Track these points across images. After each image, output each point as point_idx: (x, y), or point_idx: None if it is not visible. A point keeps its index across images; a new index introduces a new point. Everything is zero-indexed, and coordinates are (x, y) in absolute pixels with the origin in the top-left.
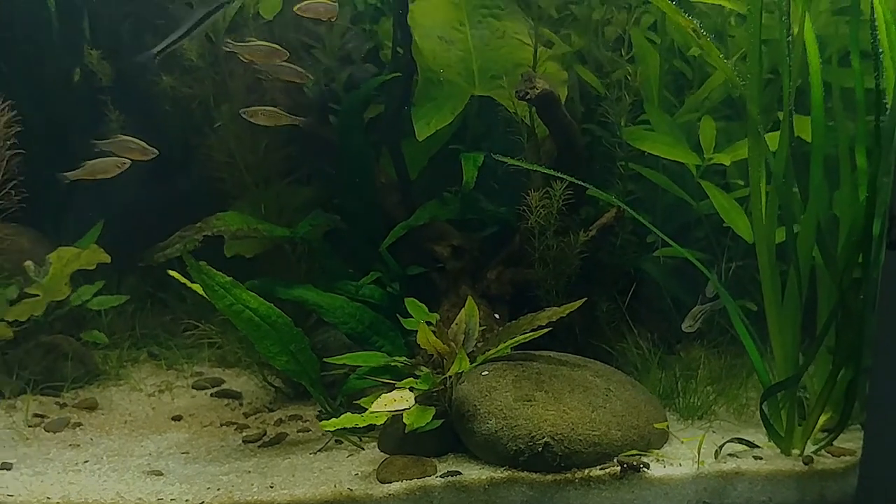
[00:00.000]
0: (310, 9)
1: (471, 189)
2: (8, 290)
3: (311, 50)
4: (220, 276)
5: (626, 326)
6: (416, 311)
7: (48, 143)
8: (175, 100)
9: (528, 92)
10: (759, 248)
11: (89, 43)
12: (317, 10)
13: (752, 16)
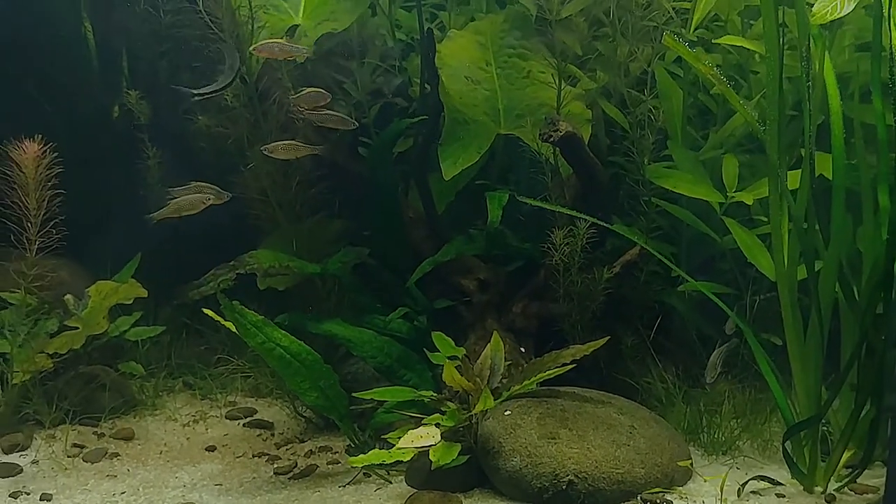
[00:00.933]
0: (264, 49)
1: (496, 227)
2: (48, 323)
3: (342, 85)
4: (253, 315)
5: (650, 360)
6: (443, 346)
7: (88, 179)
8: (211, 137)
9: (551, 135)
10: (781, 287)
11: (128, 81)
12: (272, 50)
13: (770, 61)
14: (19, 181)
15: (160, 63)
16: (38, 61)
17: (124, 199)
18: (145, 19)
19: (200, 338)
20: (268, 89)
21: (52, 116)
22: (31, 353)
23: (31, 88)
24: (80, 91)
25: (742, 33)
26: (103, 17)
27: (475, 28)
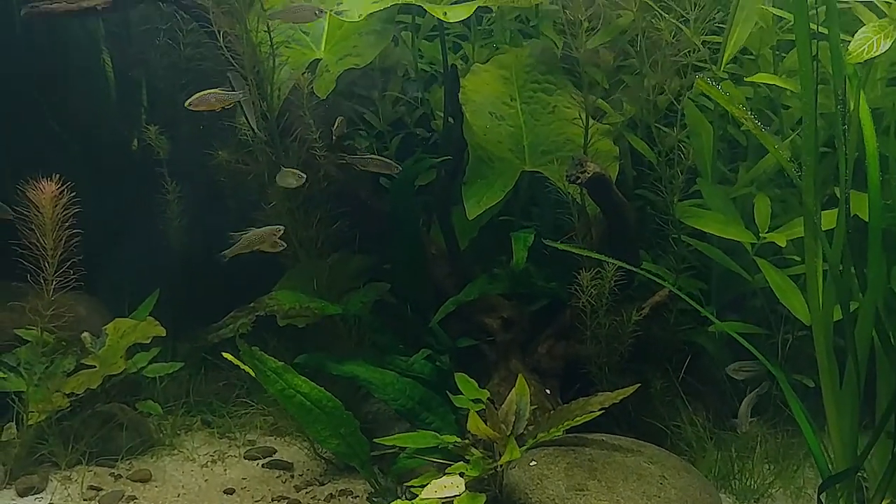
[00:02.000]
0: (203, 101)
1: (521, 268)
2: (65, 362)
3: (363, 115)
4: (272, 362)
5: (679, 402)
6: (467, 388)
7: (105, 213)
8: (230, 172)
9: (578, 176)
10: (816, 330)
11: (147, 113)
12: (209, 102)
13: (806, 102)
14: (37, 221)
15: (180, 96)
16: (56, 93)
17: (142, 234)
18: (165, 52)
19: (219, 373)
20: (289, 125)
21: (69, 149)
22: (48, 393)
23: (50, 120)
24: (99, 124)
25: (774, 67)
26: (122, 50)
27: (499, 62)
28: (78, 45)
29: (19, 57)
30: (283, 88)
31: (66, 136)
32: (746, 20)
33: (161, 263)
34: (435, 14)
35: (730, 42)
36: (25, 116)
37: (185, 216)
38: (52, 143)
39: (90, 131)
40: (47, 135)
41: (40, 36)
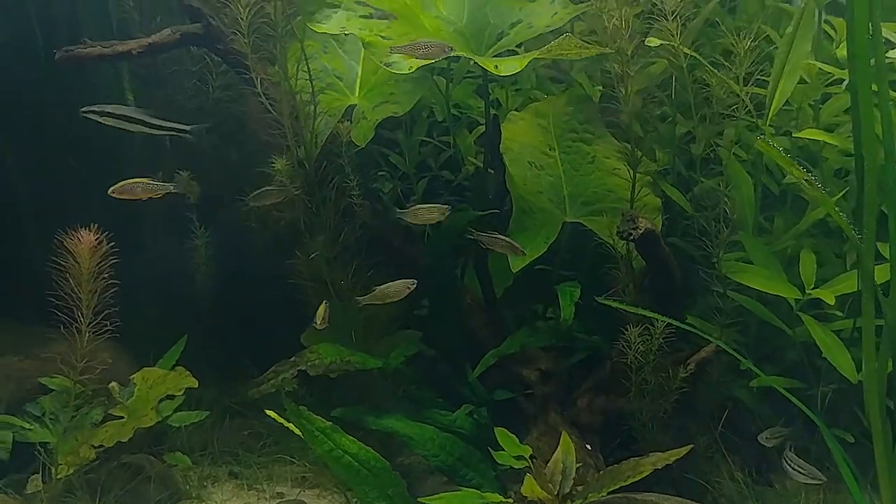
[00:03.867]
0: (128, 190)
1: (569, 324)
2: (93, 413)
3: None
4: (320, 422)
5: (720, 457)
6: (508, 444)
7: (129, 257)
8: (262, 218)
9: (631, 232)
10: (868, 389)
11: (171, 157)
12: (134, 191)
13: (870, 160)
14: (73, 270)
15: (208, 139)
16: (78, 135)
17: (167, 279)
18: (193, 95)
19: (243, 421)
20: (327, 175)
21: (91, 191)
22: (76, 445)
23: (73, 163)
24: (121, 166)
25: (815, 120)
26: (149, 92)
27: (536, 110)
28: (103, 87)
29: (44, 97)
30: (320, 136)
31: (88, 176)
32: (791, 73)
33: (186, 309)
34: (487, 67)
35: (776, 95)
36: (49, 159)
37: (213, 262)
38: (74, 184)
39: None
40: (70, 176)
41: (66, 76)
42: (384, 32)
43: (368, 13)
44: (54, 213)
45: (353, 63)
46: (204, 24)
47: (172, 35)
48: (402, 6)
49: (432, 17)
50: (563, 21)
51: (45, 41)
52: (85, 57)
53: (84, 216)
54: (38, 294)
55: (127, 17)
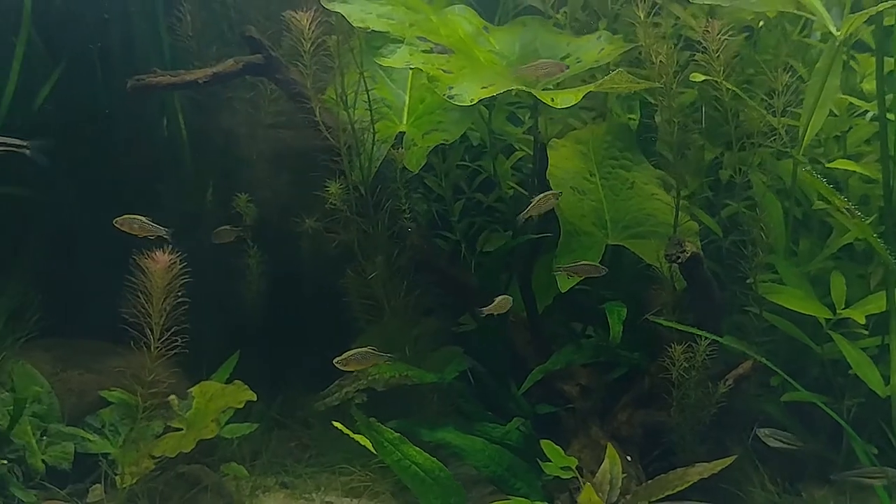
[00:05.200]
0: (127, 223)
1: (618, 343)
2: (154, 425)
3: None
4: (389, 433)
5: (751, 467)
6: (554, 455)
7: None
8: (313, 240)
9: (678, 255)
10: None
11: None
12: (132, 226)
13: None
14: (146, 288)
15: (261, 165)
16: (140, 158)
17: (219, 296)
18: (244, 121)
19: (290, 433)
20: (381, 198)
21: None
22: (139, 456)
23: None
24: (170, 193)
25: (843, 150)
26: (205, 118)
27: (576, 137)
28: (158, 113)
29: (103, 123)
30: (374, 161)
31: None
32: (823, 106)
33: (236, 325)
34: (544, 100)
35: (809, 127)
36: (109, 183)
37: (263, 280)
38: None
39: (171, 196)
40: (129, 198)
41: (123, 103)
42: (445, 66)
43: (429, 48)
44: (113, 233)
45: (400, 92)
46: (265, 54)
47: (235, 65)
48: (458, 41)
49: (486, 51)
50: (611, 57)
51: (103, 69)
52: (155, 86)
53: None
54: (97, 310)
55: (184, 46)
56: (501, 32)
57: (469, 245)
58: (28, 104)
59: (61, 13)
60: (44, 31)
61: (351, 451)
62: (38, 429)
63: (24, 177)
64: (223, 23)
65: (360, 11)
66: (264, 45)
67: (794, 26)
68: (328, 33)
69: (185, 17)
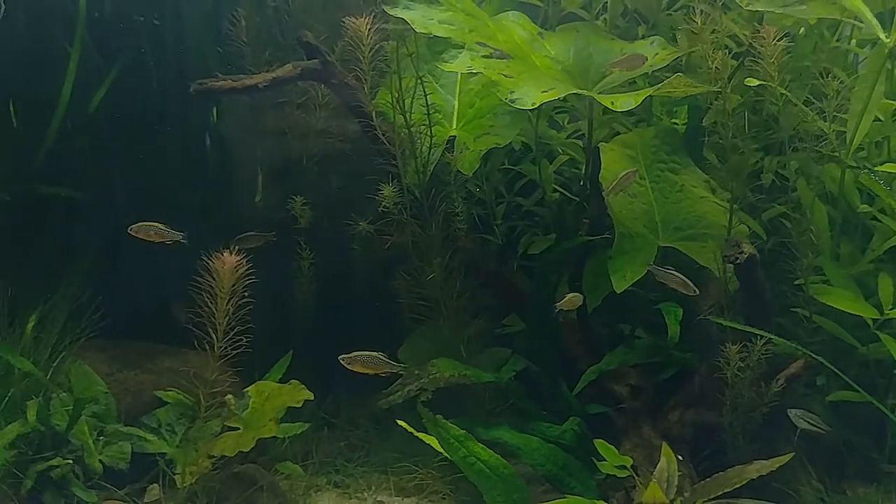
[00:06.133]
0: (144, 230)
1: (675, 342)
2: (212, 424)
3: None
4: (455, 430)
5: (798, 465)
6: (609, 454)
7: None
8: (365, 241)
9: (737, 257)
10: None
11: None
12: (148, 233)
13: None
14: (212, 289)
15: (312, 168)
16: (191, 161)
17: (270, 296)
18: (296, 125)
19: (338, 433)
20: (435, 201)
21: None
22: (198, 455)
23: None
24: (221, 195)
25: (889, 154)
26: (256, 121)
27: (623, 141)
28: (206, 116)
29: (158, 126)
30: (429, 165)
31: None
32: (870, 112)
33: (287, 326)
34: (604, 103)
35: (857, 132)
36: (165, 185)
37: (314, 280)
38: (188, 207)
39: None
40: (184, 200)
41: (176, 106)
42: (504, 71)
43: (489, 53)
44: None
45: (449, 97)
46: (321, 59)
47: (294, 70)
48: (515, 47)
49: (542, 56)
50: (665, 62)
51: (155, 73)
52: (217, 89)
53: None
54: (151, 311)
55: (238, 52)
56: (555, 38)
57: (512, 248)
58: (83, 108)
59: (114, 18)
60: (97, 36)
61: (400, 450)
62: (96, 429)
63: (79, 178)
64: (276, 27)
65: (422, 17)
66: (320, 50)
67: (832, 33)
68: (384, 39)
69: (239, 22)
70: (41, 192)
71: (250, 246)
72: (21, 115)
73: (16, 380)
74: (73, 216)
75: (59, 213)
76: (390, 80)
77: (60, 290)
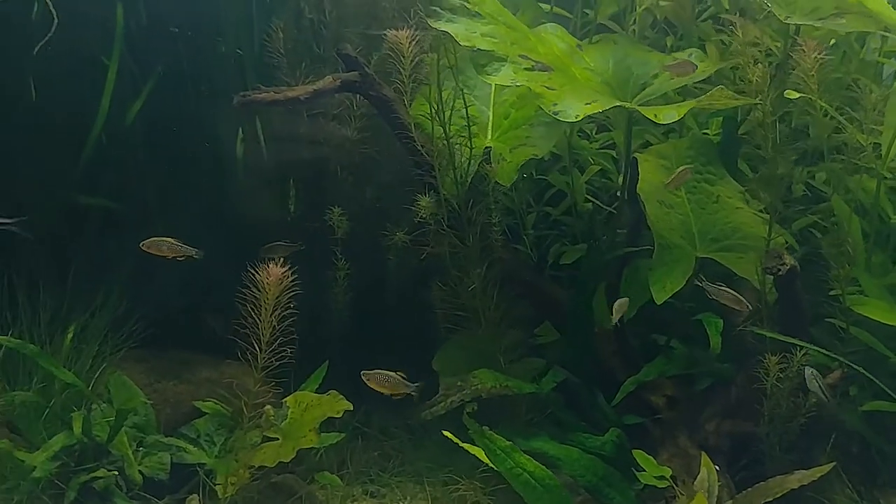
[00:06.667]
0: (155, 246)
1: (717, 353)
2: (251, 435)
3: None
4: (501, 441)
5: (834, 475)
6: (648, 465)
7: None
8: (400, 252)
9: (779, 268)
10: None
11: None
12: (161, 248)
13: None
14: (256, 301)
15: (348, 178)
16: (217, 172)
17: (306, 307)
18: (331, 135)
19: (372, 442)
20: (473, 212)
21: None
22: (238, 466)
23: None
24: (257, 205)
25: None
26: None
27: (658, 152)
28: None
29: (194, 137)
30: (467, 176)
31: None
32: None
33: (324, 336)
34: (647, 115)
35: (893, 143)
36: (200, 198)
37: (349, 291)
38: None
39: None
40: (216, 213)
41: (210, 117)
42: (547, 83)
43: (531, 65)
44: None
45: (483, 108)
46: (360, 72)
47: (334, 82)
48: (556, 59)
49: (581, 68)
50: (705, 74)
51: (193, 83)
52: (259, 101)
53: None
54: (189, 321)
55: (274, 62)
56: (594, 50)
57: (542, 257)
58: (121, 118)
59: (150, 30)
60: (134, 47)
61: (434, 460)
62: (135, 439)
63: (117, 189)
64: (311, 38)
65: (466, 31)
66: (360, 62)
67: (860, 44)
68: (424, 51)
69: (276, 33)
70: (80, 203)
71: (278, 255)
72: (61, 126)
73: (56, 391)
74: (112, 226)
75: (98, 224)
76: (429, 92)
77: (99, 301)
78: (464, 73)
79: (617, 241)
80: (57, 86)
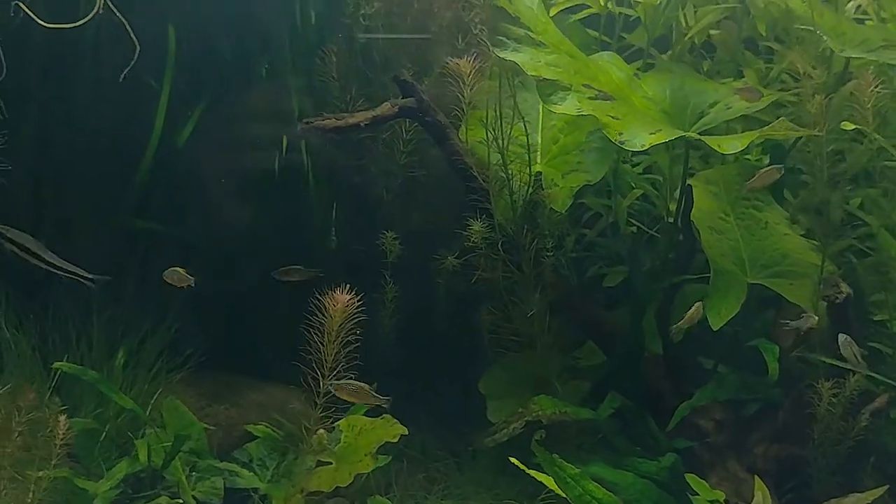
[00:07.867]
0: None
1: (775, 378)
2: (307, 459)
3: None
4: (571, 469)
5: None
6: (701, 489)
7: None
8: (449, 275)
9: (836, 297)
10: None
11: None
12: (173, 277)
13: None
14: (321, 327)
15: (395, 202)
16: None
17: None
18: (379, 160)
19: (419, 465)
20: (527, 237)
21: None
22: (294, 490)
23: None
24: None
25: None
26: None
27: (706, 177)
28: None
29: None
30: (520, 201)
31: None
32: None
33: (374, 359)
34: (711, 145)
35: None
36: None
37: (398, 315)
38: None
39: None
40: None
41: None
42: (611, 112)
43: (594, 94)
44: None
45: (532, 133)
46: (417, 98)
47: (391, 108)
48: (616, 88)
49: (640, 97)
50: (762, 105)
51: (245, 108)
52: (322, 128)
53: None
54: (243, 345)
55: (324, 86)
56: (651, 79)
57: (582, 279)
58: (171, 142)
59: (201, 52)
60: (185, 71)
61: (480, 483)
62: (188, 464)
63: (164, 214)
64: (363, 64)
65: (531, 60)
66: (416, 88)
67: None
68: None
69: (329, 58)
70: (134, 226)
71: (292, 279)
72: (115, 150)
73: (111, 417)
74: (164, 250)
75: (151, 247)
76: (486, 118)
77: (151, 324)
78: (511, 100)
79: (666, 265)
80: (111, 109)
